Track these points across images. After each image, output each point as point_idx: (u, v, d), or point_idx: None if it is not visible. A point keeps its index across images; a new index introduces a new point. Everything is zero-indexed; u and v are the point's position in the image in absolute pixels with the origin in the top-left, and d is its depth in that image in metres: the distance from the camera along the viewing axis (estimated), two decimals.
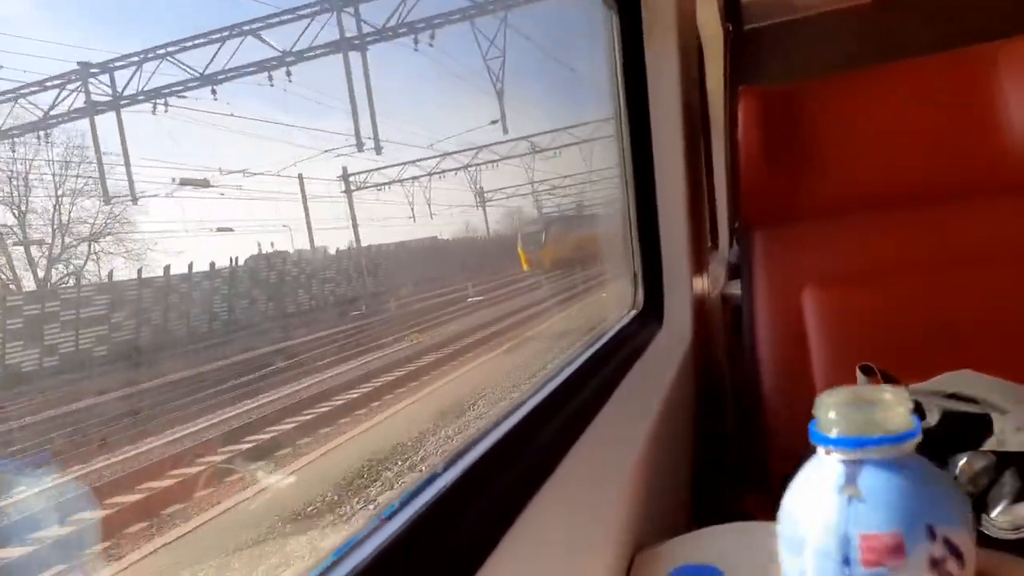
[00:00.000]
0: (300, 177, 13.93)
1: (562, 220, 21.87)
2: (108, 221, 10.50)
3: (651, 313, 1.58)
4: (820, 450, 0.37)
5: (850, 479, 0.35)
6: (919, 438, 0.36)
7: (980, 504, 0.83)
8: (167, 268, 9.87)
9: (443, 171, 18.91)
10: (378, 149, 12.58)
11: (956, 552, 0.33)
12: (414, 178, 18.82)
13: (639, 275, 1.61)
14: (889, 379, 1.06)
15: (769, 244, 1.56)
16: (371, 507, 3.76)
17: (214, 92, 10.43)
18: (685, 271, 1.59)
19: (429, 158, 18.34)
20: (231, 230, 12.30)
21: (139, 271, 9.81)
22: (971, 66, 1.47)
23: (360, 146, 12.29)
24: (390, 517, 0.59)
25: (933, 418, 0.93)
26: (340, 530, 3.51)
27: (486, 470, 0.73)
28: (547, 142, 19.18)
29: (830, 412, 0.36)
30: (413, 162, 18.20)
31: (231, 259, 11.25)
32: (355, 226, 16.61)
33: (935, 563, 0.33)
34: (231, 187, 11.41)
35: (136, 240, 10.48)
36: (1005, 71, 1.42)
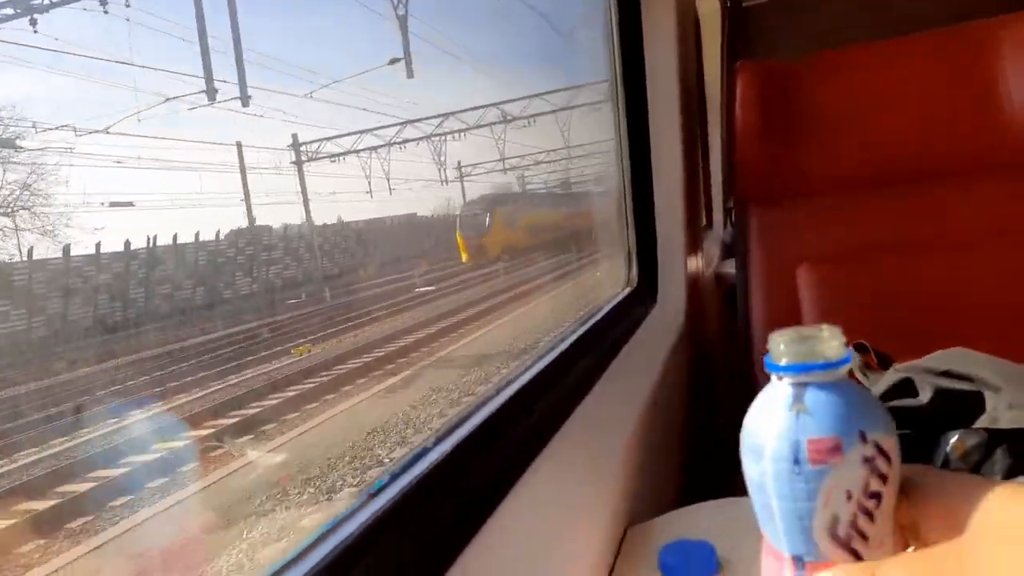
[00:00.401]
0: (239, 145, 11.90)
1: (518, 198, 19.22)
2: None
3: (645, 291, 1.58)
4: (773, 377, 0.45)
5: (798, 398, 0.44)
6: (850, 364, 0.44)
7: None
8: None
9: (404, 141, 16.69)
10: (245, 100, 9.89)
11: (883, 453, 0.42)
12: (372, 148, 16.59)
13: (633, 252, 1.60)
14: (883, 357, 1.05)
15: (764, 221, 1.55)
16: None
17: (33, 23, 7.57)
18: (679, 249, 1.58)
19: (388, 126, 16.16)
20: (131, 204, 10.39)
21: None
22: (971, 42, 1.45)
23: (212, 94, 9.39)
24: (379, 492, 0.59)
25: (926, 395, 0.93)
26: None
27: (478, 444, 0.73)
28: (520, 111, 17.27)
29: (780, 346, 0.44)
30: (370, 131, 15.98)
31: (126, 243, 9.43)
32: (306, 202, 14.34)
33: (867, 460, 0.42)
34: (58, 149, 8.64)
35: None
36: (1006, 47, 1.41)
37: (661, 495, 1.11)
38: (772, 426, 0.44)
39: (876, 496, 0.42)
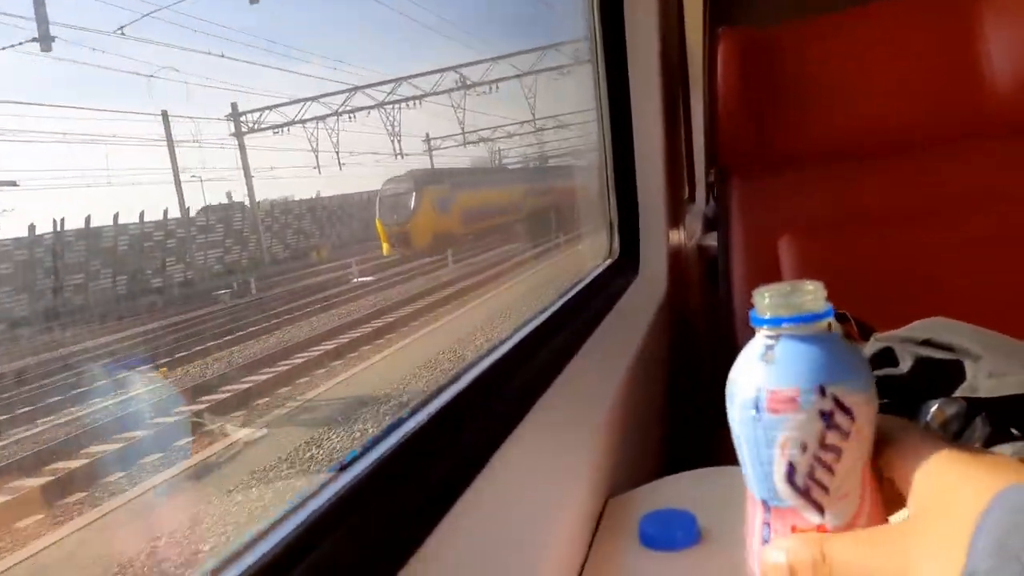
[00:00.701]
0: (164, 115, 9.99)
1: (458, 175, 16.07)
2: None
3: (627, 262, 1.57)
4: (758, 331, 0.46)
5: (769, 348, 0.45)
6: (830, 318, 0.45)
7: None
8: None
9: (353, 110, 14.57)
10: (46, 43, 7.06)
11: (844, 408, 0.43)
12: (318, 118, 14.38)
13: (615, 223, 1.59)
14: (864, 326, 1.05)
15: (745, 191, 1.54)
16: None
17: None
18: (661, 220, 1.57)
19: (335, 93, 14.01)
20: (14, 184, 7.96)
21: None
22: (954, 9, 1.44)
23: (45, 41, 6.91)
24: (350, 464, 0.57)
25: (906, 365, 0.93)
26: None
27: (455, 416, 0.71)
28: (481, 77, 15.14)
29: (764, 299, 0.45)
30: (316, 99, 13.94)
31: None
32: (248, 178, 12.40)
33: (823, 414, 0.43)
34: None
35: None
36: (988, 13, 1.40)
37: (643, 466, 1.11)
38: (743, 375, 0.46)
39: (835, 450, 0.43)
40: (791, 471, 0.44)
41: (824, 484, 0.44)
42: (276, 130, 14.16)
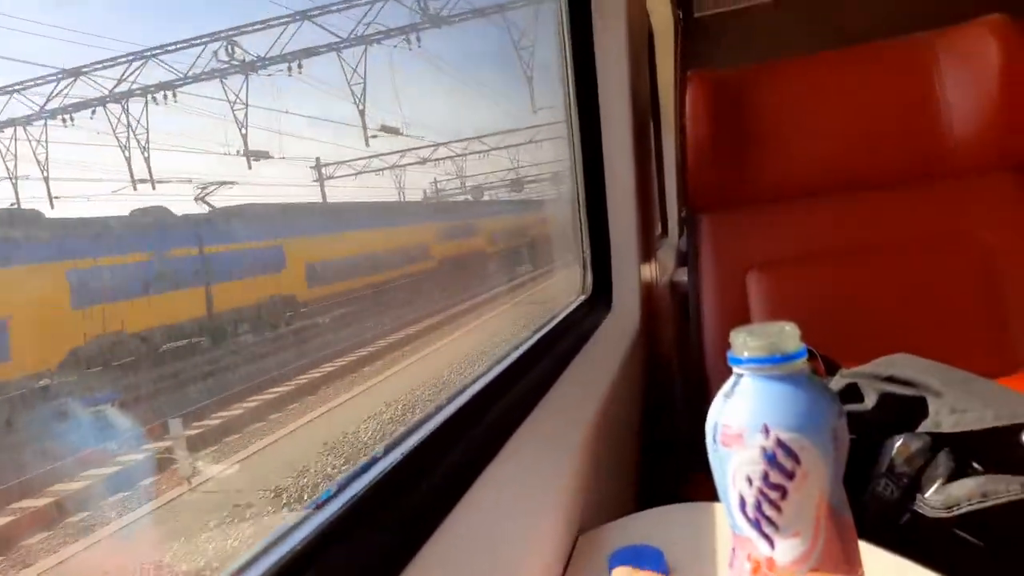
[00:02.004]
0: None
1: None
2: None
3: (600, 298, 1.59)
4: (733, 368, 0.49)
5: (734, 385, 0.47)
6: (803, 358, 0.47)
7: (915, 484, 0.85)
8: None
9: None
10: None
11: (787, 449, 0.44)
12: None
13: (588, 260, 1.61)
14: (830, 362, 1.07)
15: (715, 228, 1.57)
16: None
17: None
18: (634, 257, 1.59)
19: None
20: None
21: None
22: (911, 54, 1.50)
23: None
24: (327, 502, 0.57)
25: (871, 400, 0.95)
26: None
27: (429, 452, 0.72)
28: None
29: (739, 339, 0.47)
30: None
31: None
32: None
33: (765, 452, 0.44)
34: None
35: None
36: (943, 59, 1.46)
37: (615, 501, 1.11)
38: (713, 409, 0.49)
39: (779, 488, 0.45)
40: (742, 503, 0.47)
41: (772, 520, 0.46)
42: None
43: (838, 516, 0.47)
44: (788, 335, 0.47)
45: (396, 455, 0.67)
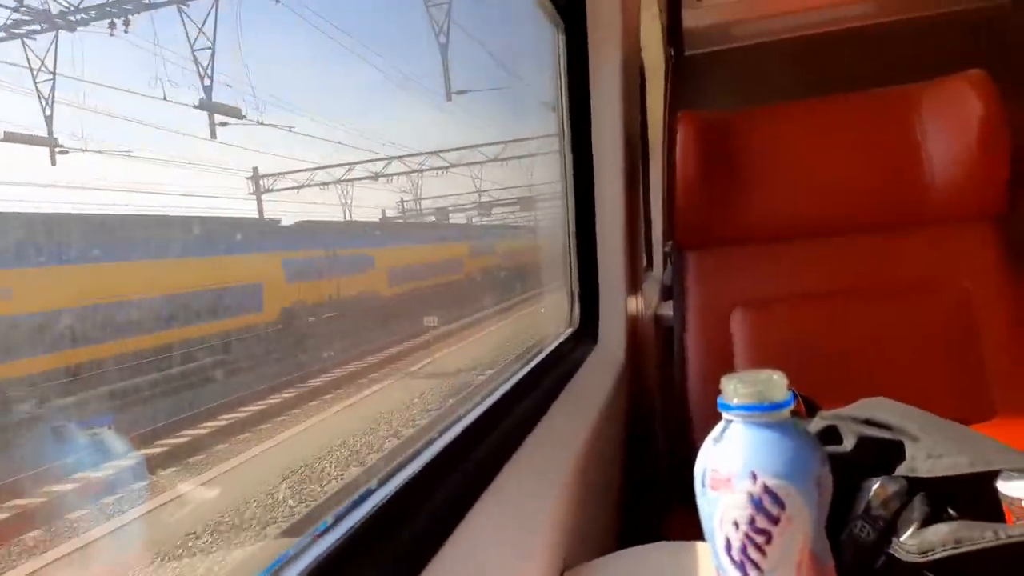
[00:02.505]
0: None
1: None
2: None
3: (586, 332, 1.60)
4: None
5: (723, 431, 0.49)
6: (787, 409, 0.49)
7: (891, 528, 0.87)
8: None
9: None
10: None
11: (774, 496, 0.46)
12: None
13: (575, 293, 1.63)
14: (811, 404, 1.10)
15: (700, 266, 1.60)
16: None
17: None
18: (621, 291, 1.61)
19: None
20: None
21: None
22: (896, 104, 1.55)
23: None
24: (323, 534, 0.58)
25: (849, 443, 0.97)
26: None
27: (420, 487, 0.73)
28: None
29: (729, 386, 0.49)
30: None
31: None
32: None
33: (752, 497, 0.46)
34: None
35: None
36: (926, 111, 1.51)
37: (599, 537, 1.12)
38: (702, 453, 0.51)
39: (765, 533, 0.47)
40: (728, 545, 0.48)
41: (757, 563, 0.48)
42: None
43: (821, 564, 0.49)
44: (776, 384, 0.49)
45: (388, 490, 0.69)
